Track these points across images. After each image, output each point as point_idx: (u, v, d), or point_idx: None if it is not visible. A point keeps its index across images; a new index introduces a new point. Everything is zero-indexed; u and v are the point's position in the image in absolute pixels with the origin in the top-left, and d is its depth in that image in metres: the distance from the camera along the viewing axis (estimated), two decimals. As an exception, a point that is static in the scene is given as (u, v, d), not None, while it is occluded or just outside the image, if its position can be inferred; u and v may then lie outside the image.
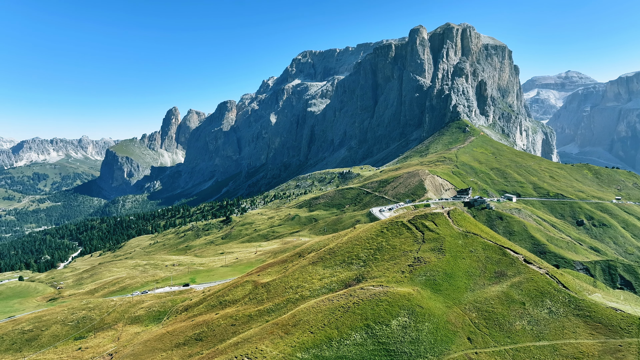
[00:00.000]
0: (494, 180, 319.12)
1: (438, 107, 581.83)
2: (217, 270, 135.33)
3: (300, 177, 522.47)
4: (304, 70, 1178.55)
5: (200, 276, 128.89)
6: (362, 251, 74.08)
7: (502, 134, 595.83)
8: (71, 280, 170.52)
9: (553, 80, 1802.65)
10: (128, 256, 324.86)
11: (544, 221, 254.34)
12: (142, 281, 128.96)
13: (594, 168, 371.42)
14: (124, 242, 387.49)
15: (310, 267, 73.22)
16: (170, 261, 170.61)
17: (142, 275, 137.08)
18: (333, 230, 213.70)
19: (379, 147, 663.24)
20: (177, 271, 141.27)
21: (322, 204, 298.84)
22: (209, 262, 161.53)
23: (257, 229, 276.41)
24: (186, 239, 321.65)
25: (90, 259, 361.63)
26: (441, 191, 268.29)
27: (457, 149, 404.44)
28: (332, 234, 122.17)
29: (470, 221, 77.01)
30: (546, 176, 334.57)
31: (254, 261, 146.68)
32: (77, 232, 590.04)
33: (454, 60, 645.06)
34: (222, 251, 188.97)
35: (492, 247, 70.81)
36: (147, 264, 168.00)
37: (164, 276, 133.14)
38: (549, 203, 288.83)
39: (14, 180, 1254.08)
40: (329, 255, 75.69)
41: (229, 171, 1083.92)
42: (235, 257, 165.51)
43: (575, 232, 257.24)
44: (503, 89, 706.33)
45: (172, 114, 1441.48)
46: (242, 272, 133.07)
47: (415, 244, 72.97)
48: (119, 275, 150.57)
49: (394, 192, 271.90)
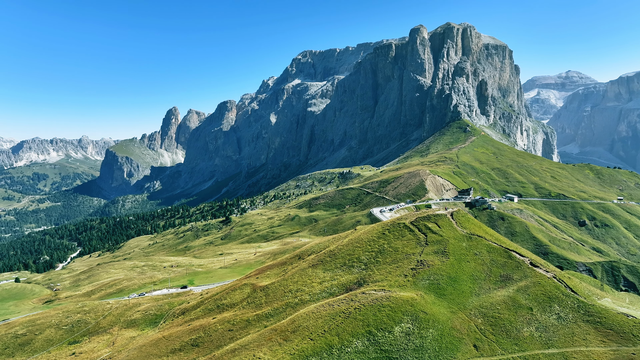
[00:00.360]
0: (495, 181, 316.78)
1: (439, 107, 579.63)
2: (216, 272, 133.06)
3: (300, 177, 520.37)
4: (304, 70, 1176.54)
5: (198, 278, 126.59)
6: (363, 254, 71.50)
7: (503, 133, 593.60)
8: (68, 281, 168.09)
9: (553, 80, 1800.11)
10: (127, 257, 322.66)
11: (545, 222, 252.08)
12: (139, 283, 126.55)
13: (596, 168, 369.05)
14: (123, 243, 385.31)
15: (310, 270, 70.80)
16: (169, 262, 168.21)
17: (139, 277, 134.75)
18: (333, 231, 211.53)
19: (379, 147, 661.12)
20: (175, 273, 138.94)
21: (322, 205, 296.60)
22: (208, 264, 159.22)
23: (256, 229, 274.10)
24: (185, 240, 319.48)
25: (89, 259, 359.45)
26: (442, 191, 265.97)
27: (458, 148, 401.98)
28: (332, 235, 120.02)
29: (474, 223, 74.65)
30: (548, 176, 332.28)
31: (253, 262, 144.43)
32: (76, 232, 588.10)
33: (454, 59, 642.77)
34: (221, 252, 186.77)
35: (497, 249, 68.17)
36: (145, 265, 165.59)
37: (161, 278, 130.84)
38: (550, 203, 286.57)
39: (14, 180, 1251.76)
40: (329, 258, 73.21)
41: (229, 171, 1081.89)
42: (235, 258, 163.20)
43: (577, 232, 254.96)
44: (504, 89, 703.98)
45: (172, 113, 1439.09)
46: (241, 274, 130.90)
47: (418, 247, 70.39)
48: (117, 277, 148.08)
49: (395, 192, 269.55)
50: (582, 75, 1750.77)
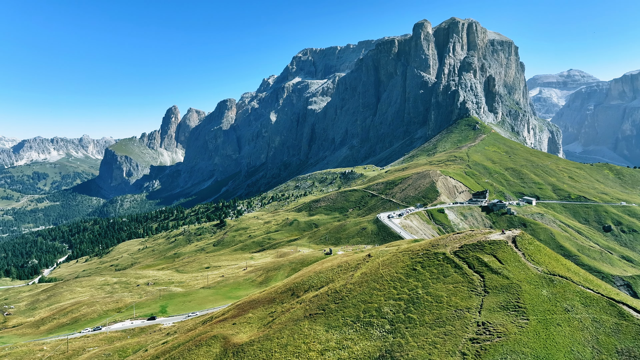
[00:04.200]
0: (510, 182, 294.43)
1: (444, 104, 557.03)
2: (196, 294, 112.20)
3: (300, 177, 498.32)
4: (304, 68, 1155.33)
5: (173, 302, 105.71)
6: (385, 302, 47.97)
7: (512, 131, 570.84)
8: (25, 302, 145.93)
9: (555, 78, 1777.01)
10: (114, 263, 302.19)
11: (568, 227, 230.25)
12: (101, 310, 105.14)
13: (616, 168, 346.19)
14: (112, 247, 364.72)
15: (307, 323, 48.38)
16: (145, 279, 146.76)
17: (104, 300, 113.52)
18: (335, 239, 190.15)
19: (382, 145, 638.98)
20: (148, 295, 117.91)
21: (323, 208, 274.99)
22: (190, 280, 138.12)
23: (251, 235, 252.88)
24: (176, 245, 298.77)
25: (75, 265, 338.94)
26: (455, 194, 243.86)
27: (467, 147, 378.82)
28: (337, 260, 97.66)
29: (547, 254, 51.46)
30: (565, 177, 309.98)
31: (241, 281, 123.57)
32: (69, 234, 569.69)
33: (460, 55, 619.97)
34: (208, 265, 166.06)
35: (597, 300, 42.88)
36: (118, 282, 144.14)
37: (129, 302, 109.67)
38: (571, 206, 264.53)
39: (14, 179, 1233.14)
40: (334, 305, 50.25)
41: (229, 170, 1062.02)
42: (222, 273, 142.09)
43: (602, 239, 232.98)
44: (509, 86, 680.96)
45: (171, 112, 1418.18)
46: (224, 297, 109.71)
47: (473, 296, 45.48)
48: (79, 299, 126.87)
49: (403, 194, 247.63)
50: (583, 74, 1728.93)
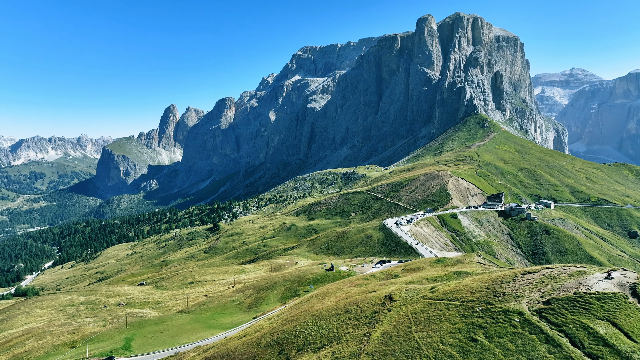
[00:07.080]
0: (525, 183, 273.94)
1: (450, 101, 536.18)
2: (171, 321, 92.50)
3: (299, 177, 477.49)
4: (304, 66, 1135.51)
5: (142, 333, 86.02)
6: None
7: (520, 130, 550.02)
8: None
9: (557, 77, 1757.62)
10: (100, 269, 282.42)
11: (592, 233, 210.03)
12: (51, 344, 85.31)
13: (635, 168, 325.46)
14: (101, 252, 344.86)
15: None
16: (118, 297, 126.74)
17: (59, 330, 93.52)
18: (337, 248, 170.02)
19: (384, 144, 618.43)
20: (115, 321, 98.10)
21: (323, 211, 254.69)
22: (168, 301, 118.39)
23: (245, 241, 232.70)
24: (167, 250, 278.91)
25: (60, 271, 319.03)
26: (468, 197, 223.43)
27: (477, 146, 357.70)
28: (344, 309, 78.23)
29: None
30: (582, 178, 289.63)
31: (227, 302, 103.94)
32: (60, 236, 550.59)
33: (466, 50, 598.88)
34: (193, 279, 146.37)
35: None
36: (85, 302, 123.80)
37: (89, 333, 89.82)
38: (591, 210, 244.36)
39: (10, 179, 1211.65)
40: None
41: (227, 170, 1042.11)
42: (206, 291, 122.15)
43: (629, 246, 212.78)
44: (515, 83, 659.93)
45: (170, 111, 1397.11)
46: (204, 326, 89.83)
47: None
48: (34, 325, 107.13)
49: (410, 197, 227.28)
50: (586, 73, 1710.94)
